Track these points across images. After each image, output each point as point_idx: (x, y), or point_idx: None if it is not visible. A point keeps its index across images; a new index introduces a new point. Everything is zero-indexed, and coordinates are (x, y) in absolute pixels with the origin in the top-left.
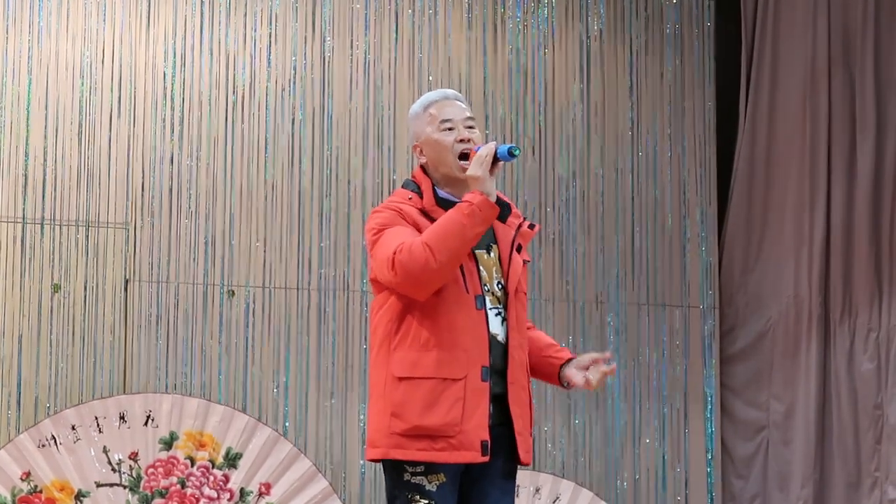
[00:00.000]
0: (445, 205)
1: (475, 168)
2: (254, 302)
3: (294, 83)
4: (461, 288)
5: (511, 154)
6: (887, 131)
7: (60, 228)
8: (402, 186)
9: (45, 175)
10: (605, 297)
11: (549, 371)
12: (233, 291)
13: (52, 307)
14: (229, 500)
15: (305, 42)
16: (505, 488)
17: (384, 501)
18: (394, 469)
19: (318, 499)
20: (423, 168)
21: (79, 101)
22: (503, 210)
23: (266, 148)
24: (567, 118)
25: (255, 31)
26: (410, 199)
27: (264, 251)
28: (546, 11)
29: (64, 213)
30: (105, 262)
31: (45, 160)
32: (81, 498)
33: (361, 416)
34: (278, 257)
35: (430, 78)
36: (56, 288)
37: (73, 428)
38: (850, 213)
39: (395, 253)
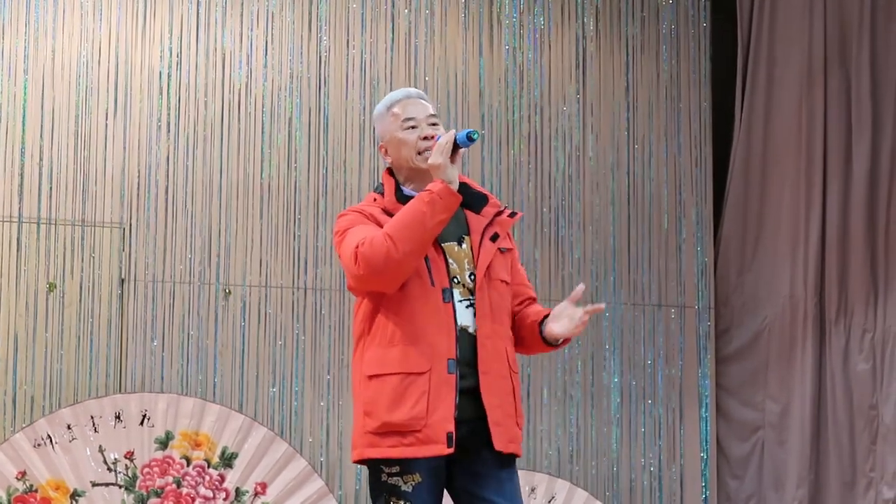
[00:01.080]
0: (408, 201)
1: (435, 156)
2: (250, 301)
3: (290, 82)
4: (426, 281)
5: (469, 139)
6: (883, 131)
7: (56, 228)
8: (373, 190)
9: (40, 174)
10: (601, 296)
11: (532, 336)
12: (229, 291)
13: (47, 306)
14: (225, 499)
15: (302, 41)
16: (501, 476)
17: None
18: (372, 470)
19: (313, 498)
20: (389, 170)
21: (75, 100)
22: (477, 201)
23: (262, 147)
24: (563, 117)
25: (252, 30)
26: (375, 200)
27: (260, 250)
28: (542, 11)
29: (60, 212)
30: (101, 261)
31: (41, 159)
32: (77, 497)
33: None
34: (274, 256)
35: (427, 77)
36: (52, 287)
37: (69, 427)
38: (845, 214)
39: (357, 247)
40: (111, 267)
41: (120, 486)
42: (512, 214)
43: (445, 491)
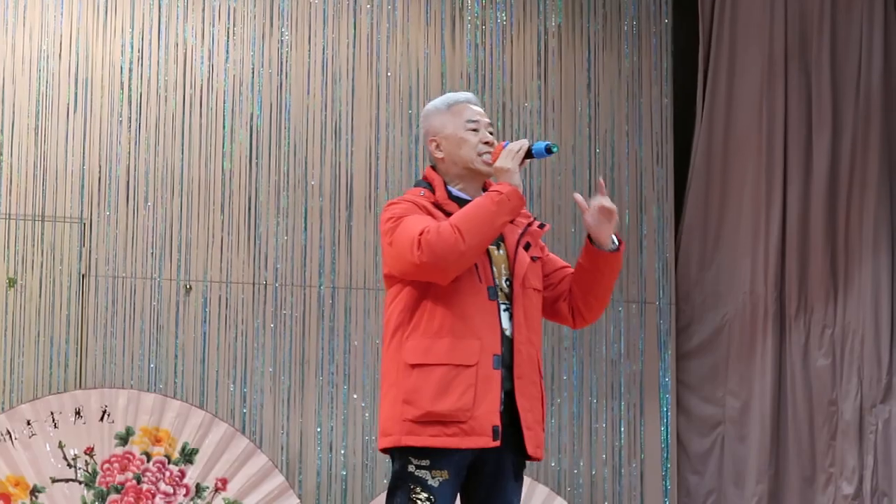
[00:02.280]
0: (458, 201)
1: (505, 160)
2: (210, 297)
3: (252, 78)
4: (475, 278)
5: (548, 151)
6: (843, 128)
7: (16, 222)
8: (415, 185)
9: (0, 169)
10: None
11: (590, 260)
12: (189, 286)
13: (7, 302)
14: (185, 495)
15: (263, 37)
16: (513, 487)
17: (340, 497)
18: (400, 459)
19: (274, 494)
20: (433, 167)
21: (35, 94)
22: None
23: (223, 143)
24: (525, 113)
25: (213, 25)
26: (423, 194)
27: (221, 246)
28: (504, 7)
29: (20, 207)
30: (61, 256)
31: (0, 154)
32: (37, 493)
33: (318, 412)
34: (235, 252)
35: (389, 73)
36: (11, 282)
37: (29, 423)
38: (805, 210)
39: (421, 234)
40: (71, 262)
41: (80, 482)
42: (541, 226)
43: None
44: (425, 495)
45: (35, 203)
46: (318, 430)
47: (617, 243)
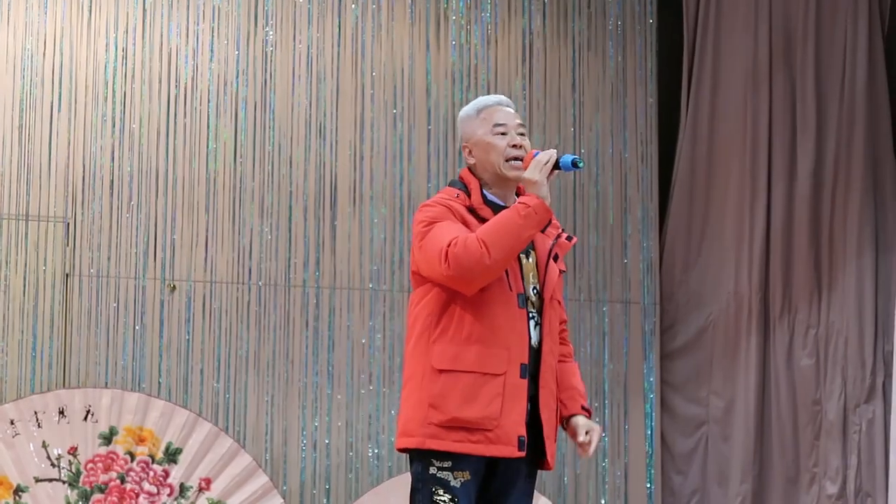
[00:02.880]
0: (492, 206)
1: (533, 171)
2: (194, 296)
3: (236, 77)
4: (505, 286)
5: (574, 165)
6: (827, 130)
7: (0, 222)
8: (449, 185)
9: None
10: None
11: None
12: (173, 286)
13: None
14: (169, 495)
15: (248, 36)
16: (527, 491)
17: (323, 496)
18: (421, 461)
19: (258, 494)
20: (469, 169)
21: (19, 93)
22: None
23: (208, 142)
24: None
25: (198, 24)
26: (458, 196)
27: (205, 245)
28: (489, 7)
29: (3, 206)
30: (45, 255)
31: None
32: (20, 493)
33: (302, 412)
34: (219, 252)
35: (374, 73)
36: None
37: (12, 422)
38: (789, 211)
39: (449, 246)
40: (55, 261)
41: (63, 482)
42: (569, 238)
43: None
44: (448, 496)
45: (19, 202)
46: (303, 429)
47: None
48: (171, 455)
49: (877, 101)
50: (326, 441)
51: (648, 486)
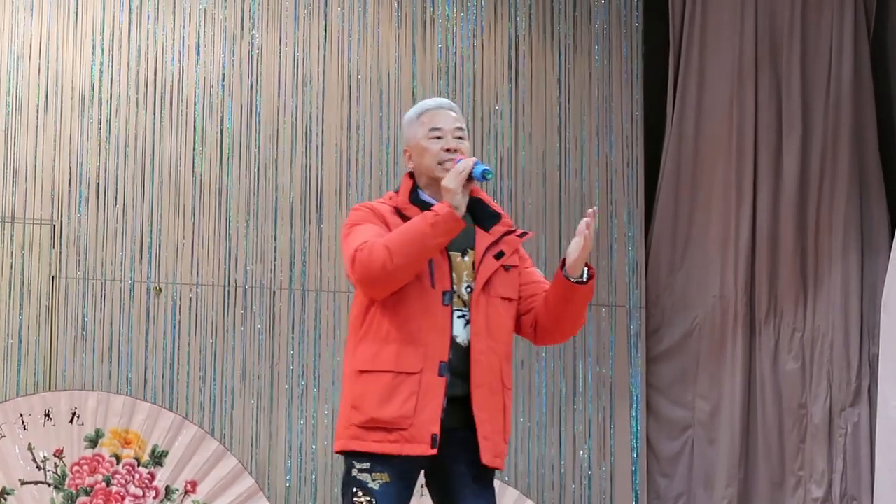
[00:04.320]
0: (422, 205)
1: (449, 179)
2: (180, 299)
3: (222, 80)
4: (426, 283)
5: (483, 177)
6: (813, 132)
7: None
8: (394, 189)
9: None
10: None
11: (560, 288)
12: (160, 288)
13: None
14: (155, 497)
15: (234, 39)
16: (478, 492)
17: (309, 499)
18: (346, 463)
19: (243, 497)
20: (410, 173)
21: (5, 95)
22: (488, 219)
23: (194, 145)
24: (495, 116)
25: (184, 27)
26: (391, 198)
27: (191, 248)
28: (475, 10)
29: None
30: (31, 258)
31: None
32: (6, 496)
33: (288, 415)
34: (205, 254)
35: (360, 76)
36: None
37: None
38: (775, 214)
39: (356, 251)
40: (41, 264)
41: (49, 485)
42: (522, 234)
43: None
44: (367, 499)
45: (5, 205)
46: (289, 432)
47: (587, 276)
48: (157, 458)
49: (862, 102)
50: (312, 444)
51: (634, 489)
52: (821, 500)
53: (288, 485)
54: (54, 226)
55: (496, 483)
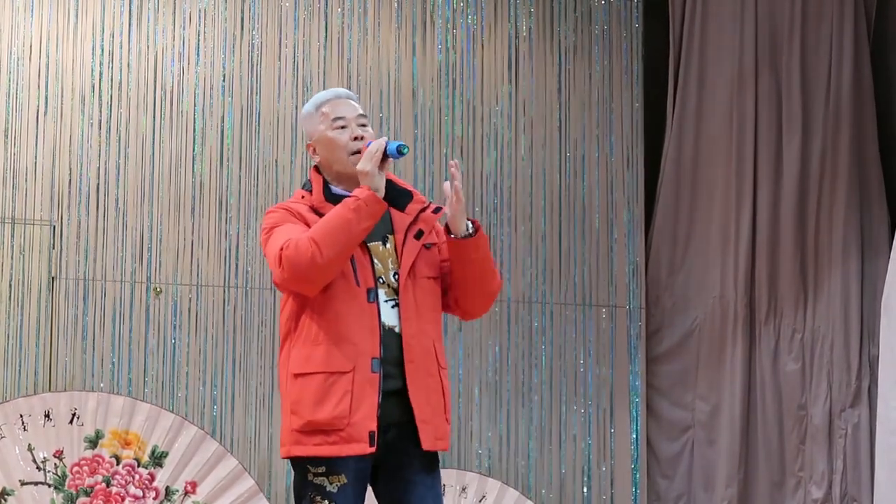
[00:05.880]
0: (337, 200)
1: (364, 163)
2: (180, 300)
3: (222, 81)
4: (351, 281)
5: (399, 152)
6: (813, 133)
7: None
8: (301, 187)
9: None
10: (532, 296)
11: (455, 253)
12: (159, 289)
13: None
14: (155, 498)
15: (234, 40)
16: (426, 482)
17: None
18: (298, 468)
19: (244, 497)
20: (316, 167)
21: (5, 97)
22: (401, 197)
23: (193, 146)
24: (495, 117)
25: (184, 28)
26: (303, 197)
27: (191, 249)
28: (475, 11)
29: None
30: (31, 259)
31: None
32: (6, 496)
33: None
34: (205, 255)
35: (359, 77)
36: None
37: None
38: (775, 215)
39: (281, 249)
40: (41, 265)
41: (49, 486)
42: (436, 210)
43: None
44: (326, 502)
45: (4, 206)
46: None
47: (472, 230)
48: (157, 458)
49: (862, 102)
50: None
51: (634, 490)
52: (821, 500)
53: (288, 486)
54: (54, 227)
55: (497, 483)
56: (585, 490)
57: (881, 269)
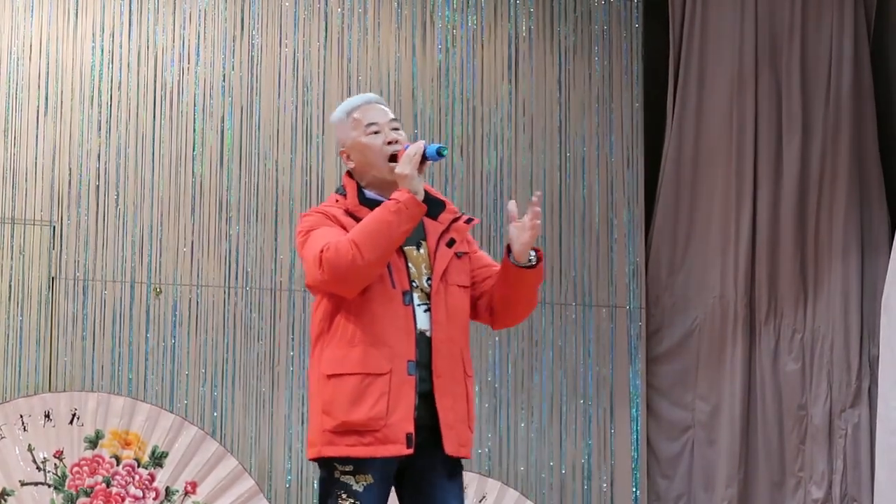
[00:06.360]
0: (372, 205)
1: (403, 166)
2: (180, 300)
3: (222, 81)
4: (387, 284)
5: (439, 154)
6: (813, 134)
7: None
8: (335, 192)
9: None
10: None
11: (507, 274)
12: (159, 290)
13: None
14: (155, 499)
15: (234, 40)
16: (448, 487)
17: (310, 500)
18: (326, 467)
19: (244, 498)
20: (349, 173)
21: (5, 97)
22: (435, 207)
23: (194, 146)
24: (495, 118)
25: (184, 28)
26: (338, 201)
27: (191, 249)
28: (475, 11)
29: None
30: (30, 259)
31: None
32: (6, 497)
33: (288, 416)
34: (205, 256)
35: (360, 77)
36: None
37: None
38: (775, 215)
39: (322, 251)
40: (41, 265)
41: (49, 486)
42: (469, 220)
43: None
44: (351, 501)
45: (4, 206)
46: (289, 434)
47: (535, 259)
48: (157, 459)
49: (862, 103)
50: None
51: (634, 490)
52: (821, 500)
53: (288, 486)
54: (54, 227)
55: (497, 484)
56: (585, 490)
57: (881, 268)
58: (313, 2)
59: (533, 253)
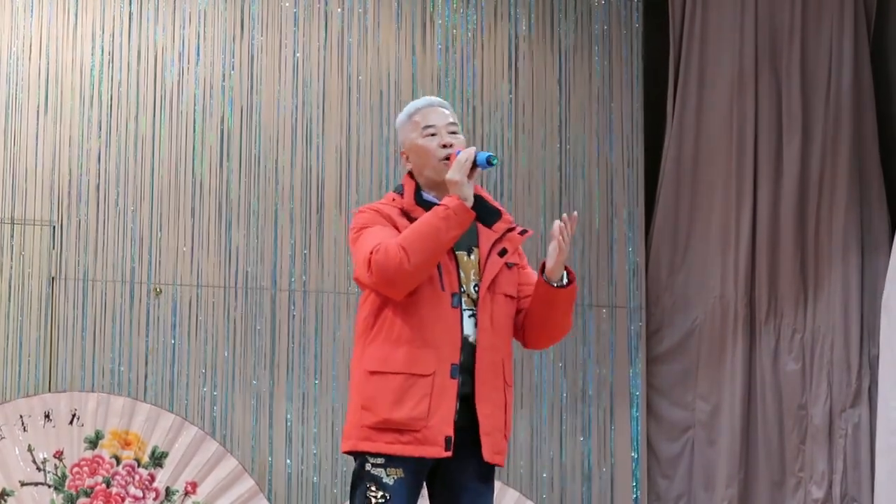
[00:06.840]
0: (427, 206)
1: (454, 172)
2: (180, 300)
3: (222, 81)
4: (437, 286)
5: (489, 162)
6: (813, 133)
7: None
8: (393, 190)
9: None
10: None
11: (542, 291)
12: (159, 290)
13: None
14: (155, 499)
15: (234, 40)
16: (479, 490)
17: (310, 500)
18: (358, 459)
19: (244, 498)
20: (409, 174)
21: (5, 97)
22: (490, 216)
23: (194, 146)
24: (495, 118)
25: (184, 28)
26: (394, 200)
27: (192, 249)
28: (475, 11)
29: None
30: (31, 259)
31: None
32: (6, 497)
33: (288, 416)
34: (206, 255)
35: (360, 77)
36: None
37: None
38: (775, 215)
39: (371, 253)
40: (41, 265)
41: (49, 486)
42: (523, 232)
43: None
44: (381, 493)
45: (4, 206)
46: (289, 433)
47: (566, 280)
48: (157, 459)
49: (862, 103)
50: (313, 445)
51: (634, 490)
52: (821, 500)
53: (288, 487)
54: (54, 227)
55: (497, 484)
56: (585, 490)
57: (881, 268)
58: (313, 2)
59: (565, 272)
